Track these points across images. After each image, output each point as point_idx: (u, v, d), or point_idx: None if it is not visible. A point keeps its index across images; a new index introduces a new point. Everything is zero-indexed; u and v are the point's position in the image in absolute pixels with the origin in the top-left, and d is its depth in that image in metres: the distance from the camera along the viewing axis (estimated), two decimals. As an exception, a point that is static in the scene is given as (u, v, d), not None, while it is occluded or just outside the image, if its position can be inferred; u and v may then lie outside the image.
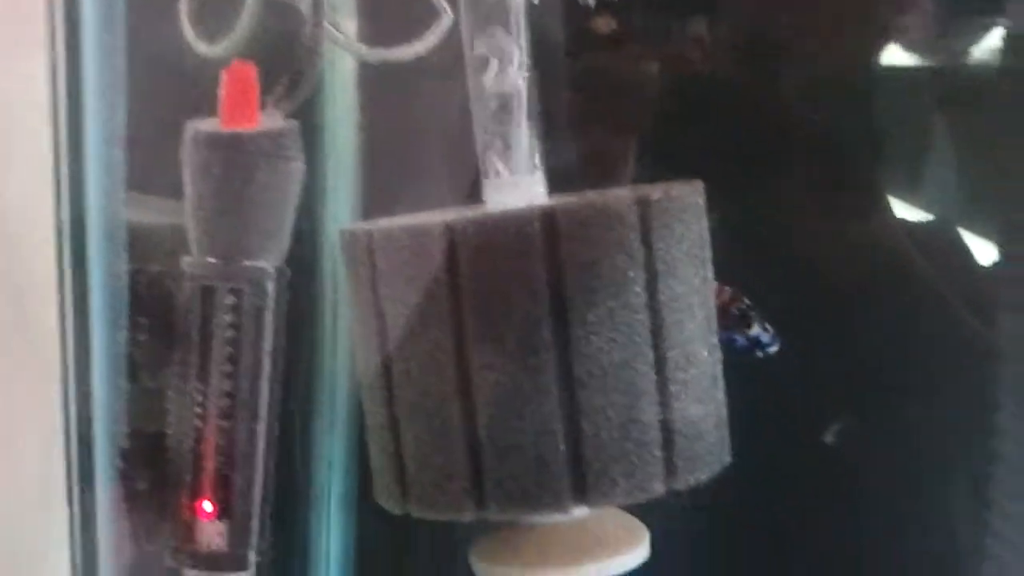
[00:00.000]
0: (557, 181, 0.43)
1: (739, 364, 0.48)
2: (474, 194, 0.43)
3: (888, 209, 0.56)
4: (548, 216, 0.37)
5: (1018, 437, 0.53)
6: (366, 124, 0.51)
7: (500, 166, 0.41)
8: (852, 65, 0.56)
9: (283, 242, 0.37)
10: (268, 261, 0.36)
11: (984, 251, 0.56)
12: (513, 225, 0.37)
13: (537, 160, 0.42)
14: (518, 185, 0.41)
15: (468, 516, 0.39)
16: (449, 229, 0.37)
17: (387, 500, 0.41)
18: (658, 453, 0.39)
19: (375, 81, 0.51)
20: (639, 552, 0.42)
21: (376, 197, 0.52)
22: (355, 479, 0.51)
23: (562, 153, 0.55)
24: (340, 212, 0.51)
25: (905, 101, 0.56)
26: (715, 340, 0.41)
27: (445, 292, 0.37)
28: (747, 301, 0.48)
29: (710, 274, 0.42)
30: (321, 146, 0.50)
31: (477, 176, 0.43)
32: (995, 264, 0.54)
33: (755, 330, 0.48)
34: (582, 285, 0.37)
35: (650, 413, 0.38)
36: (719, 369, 0.42)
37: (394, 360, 0.39)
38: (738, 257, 0.53)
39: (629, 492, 0.38)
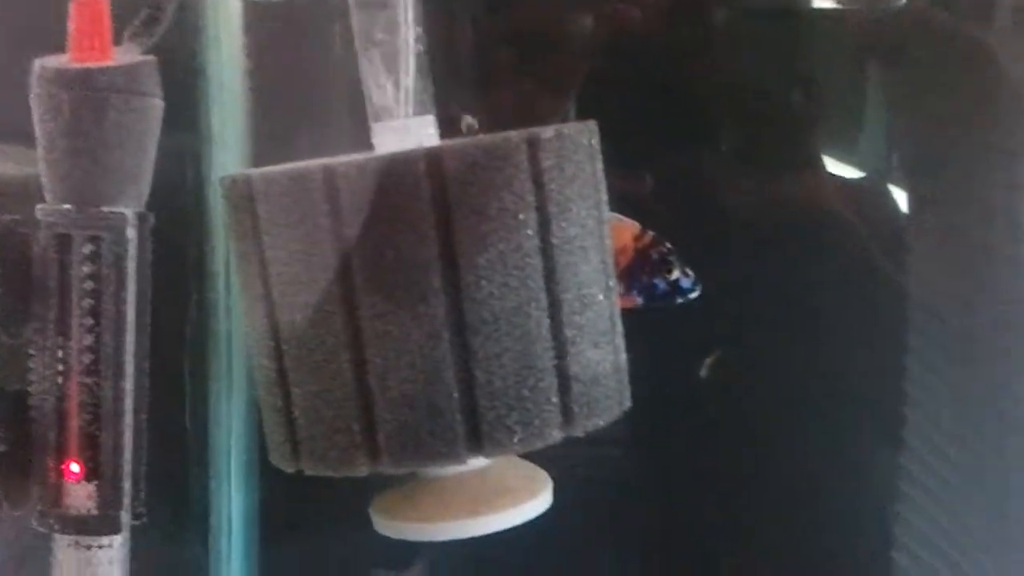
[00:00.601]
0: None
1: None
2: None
3: (817, 162, 0.56)
4: (434, 157, 0.35)
5: (927, 385, 0.54)
6: (256, 70, 0.50)
7: (388, 109, 0.40)
8: (779, 13, 0.56)
9: (143, 185, 0.35)
10: (128, 206, 0.34)
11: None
12: (397, 167, 0.35)
13: (429, 103, 0.41)
14: (408, 128, 0.39)
15: (361, 470, 0.38)
16: (329, 172, 0.35)
17: (279, 458, 0.40)
18: (554, 399, 0.38)
19: (264, 25, 0.49)
20: (541, 501, 0.42)
21: (270, 146, 0.50)
22: (257, 443, 0.50)
23: (496, 112, 0.56)
24: (229, 162, 0.49)
25: (833, 51, 0.56)
26: (612, 283, 0.41)
27: (329, 239, 0.36)
28: (668, 245, 0.46)
29: (605, 215, 0.41)
30: (206, 93, 0.48)
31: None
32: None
33: (676, 275, 0.46)
34: (471, 228, 0.36)
35: (545, 359, 0.38)
36: (617, 312, 0.41)
37: (280, 312, 0.37)
38: (666, 209, 0.53)
39: (526, 440, 0.38)
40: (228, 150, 0.47)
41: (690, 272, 0.47)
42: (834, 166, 0.56)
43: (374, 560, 0.56)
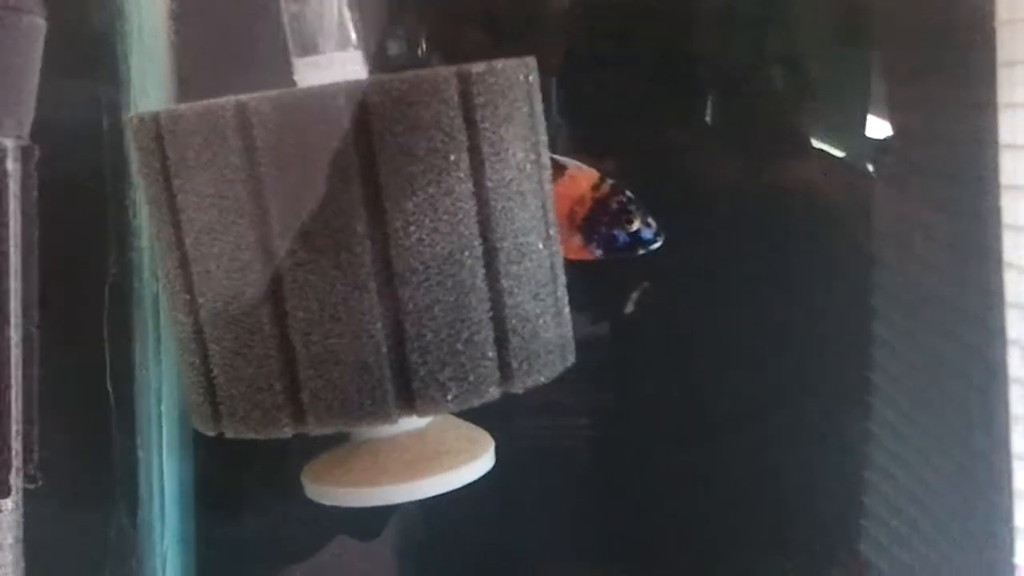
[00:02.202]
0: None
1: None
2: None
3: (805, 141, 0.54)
4: (355, 91, 0.33)
5: (895, 351, 0.53)
6: (180, 11, 0.46)
7: (310, 43, 0.37)
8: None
9: (25, 114, 0.32)
10: (8, 136, 0.31)
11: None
12: (315, 102, 0.33)
13: (354, 38, 0.38)
14: (331, 63, 0.37)
15: (285, 431, 0.35)
16: (242, 108, 0.33)
17: (199, 421, 0.37)
18: (491, 354, 0.36)
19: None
20: (481, 463, 0.40)
21: (197, 93, 0.47)
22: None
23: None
24: (150, 105, 0.46)
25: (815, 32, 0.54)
26: (553, 232, 0.38)
27: (243, 182, 0.33)
28: (628, 194, 0.44)
29: (546, 159, 0.38)
30: (124, 35, 0.45)
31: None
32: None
33: (636, 225, 0.44)
34: (398, 169, 0.33)
35: (480, 310, 0.35)
36: (559, 263, 0.39)
37: (194, 262, 0.35)
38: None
39: (461, 397, 0.35)
40: (148, 97, 0.44)
41: (652, 222, 0.44)
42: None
43: (324, 530, 0.54)
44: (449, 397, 0.35)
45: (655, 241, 0.45)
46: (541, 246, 0.37)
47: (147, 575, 0.46)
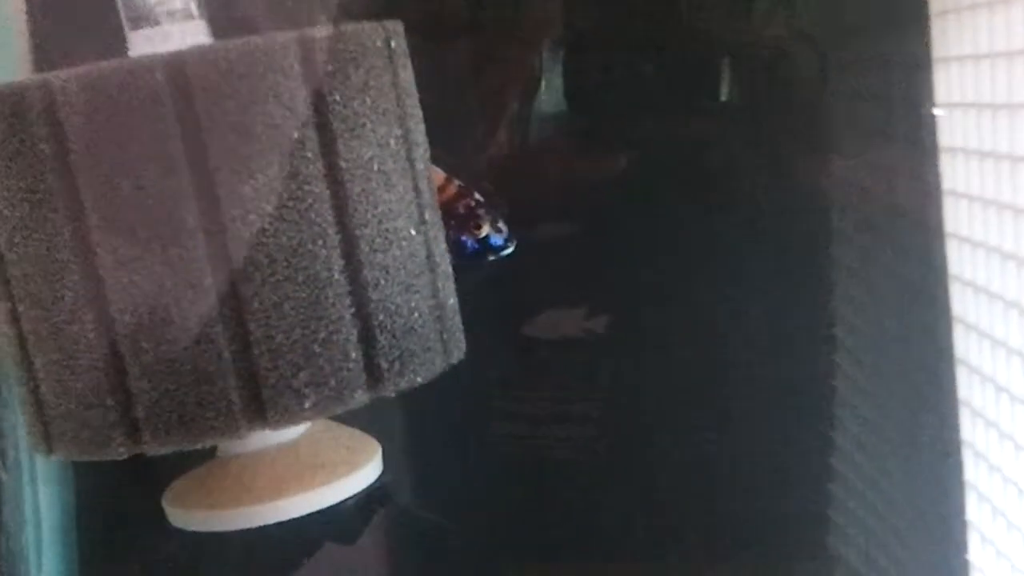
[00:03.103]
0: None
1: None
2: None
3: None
4: (176, 64, 0.29)
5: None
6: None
7: (145, 14, 0.33)
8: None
9: None
10: None
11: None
12: (129, 77, 0.28)
13: (194, 8, 0.34)
14: (168, 36, 0.33)
15: (120, 451, 0.31)
16: (46, 87, 0.28)
17: (33, 441, 0.33)
18: (355, 355, 0.32)
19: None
20: (364, 473, 0.36)
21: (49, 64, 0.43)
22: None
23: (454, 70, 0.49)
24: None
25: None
26: (430, 215, 0.34)
27: (53, 172, 0.29)
28: (478, 197, 0.40)
29: (418, 135, 0.34)
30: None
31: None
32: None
33: (486, 230, 0.40)
34: (231, 151, 0.29)
35: (339, 306, 0.31)
36: (439, 248, 0.35)
37: (10, 264, 0.30)
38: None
39: (321, 404, 0.31)
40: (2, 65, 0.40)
41: (503, 227, 0.40)
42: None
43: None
44: (307, 405, 0.31)
45: (506, 247, 0.40)
46: (413, 232, 0.33)
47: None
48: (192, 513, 0.34)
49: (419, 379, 0.33)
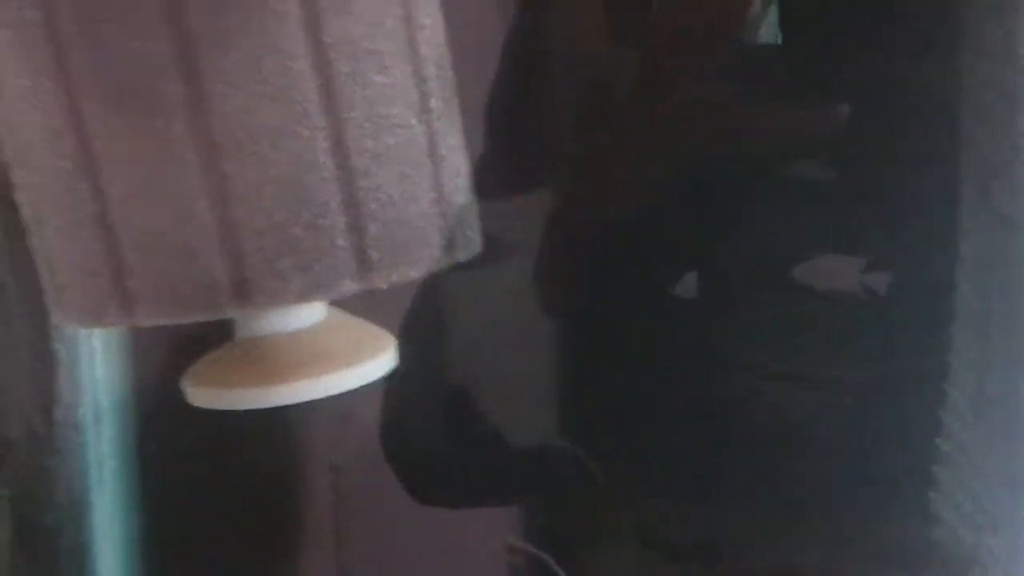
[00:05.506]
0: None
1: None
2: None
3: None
4: (158, -73, 0.28)
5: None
6: None
7: None
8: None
9: None
10: None
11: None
12: (112, -58, 0.29)
13: None
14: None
15: (116, 321, 0.32)
16: (34, -47, 0.29)
17: (52, 311, 0.35)
18: (342, 241, 0.31)
19: None
20: (372, 365, 0.35)
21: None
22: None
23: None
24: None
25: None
26: (437, 103, 0.33)
27: (45, 39, 0.29)
28: None
29: (425, 16, 0.33)
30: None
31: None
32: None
33: None
34: (212, 20, 0.29)
35: (325, 191, 0.30)
36: (447, 140, 0.33)
37: (13, 133, 0.31)
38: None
39: (307, 289, 0.31)
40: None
41: None
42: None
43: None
44: (291, 288, 0.31)
45: None
46: (413, 120, 0.32)
47: (69, 476, 0.45)
48: (203, 390, 0.35)
49: (412, 272, 0.32)
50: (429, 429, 0.55)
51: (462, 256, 0.34)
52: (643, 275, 0.48)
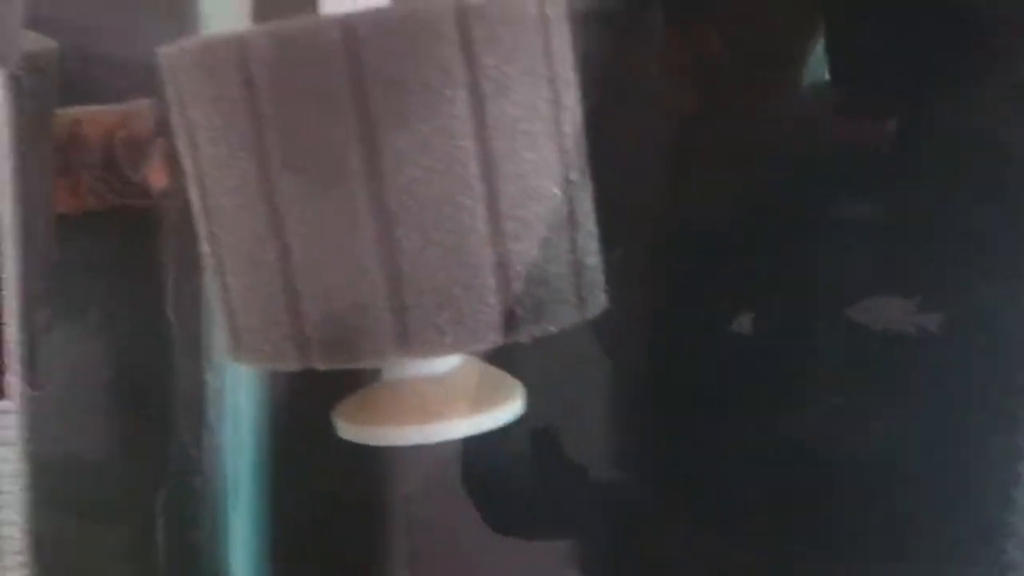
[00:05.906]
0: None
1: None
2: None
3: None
4: (348, 25, 0.32)
5: None
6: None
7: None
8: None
9: (9, 45, 0.33)
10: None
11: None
12: (309, 36, 0.32)
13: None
14: (354, -1, 0.36)
15: (293, 364, 0.35)
16: (240, 43, 0.33)
17: (227, 351, 0.39)
18: (492, 300, 0.35)
19: None
20: (503, 410, 0.39)
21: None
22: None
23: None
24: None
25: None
26: (577, 176, 0.36)
27: (244, 116, 0.33)
28: None
29: (569, 98, 0.36)
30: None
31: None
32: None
33: None
34: (391, 105, 0.33)
35: (480, 254, 0.34)
36: (583, 208, 0.37)
37: (210, 194, 0.36)
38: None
39: (459, 341, 0.34)
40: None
41: None
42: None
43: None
44: (446, 340, 0.34)
45: None
46: (556, 190, 0.36)
47: (213, 495, 0.49)
48: (351, 426, 0.39)
49: (551, 328, 0.36)
50: (510, 464, 0.58)
51: (592, 312, 0.37)
52: (701, 315, 0.50)
